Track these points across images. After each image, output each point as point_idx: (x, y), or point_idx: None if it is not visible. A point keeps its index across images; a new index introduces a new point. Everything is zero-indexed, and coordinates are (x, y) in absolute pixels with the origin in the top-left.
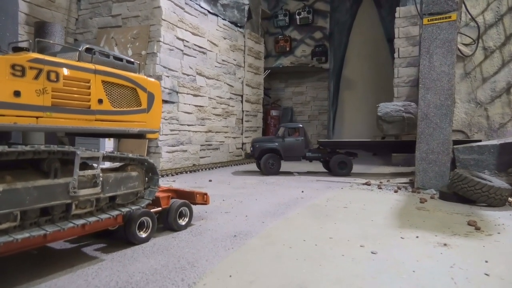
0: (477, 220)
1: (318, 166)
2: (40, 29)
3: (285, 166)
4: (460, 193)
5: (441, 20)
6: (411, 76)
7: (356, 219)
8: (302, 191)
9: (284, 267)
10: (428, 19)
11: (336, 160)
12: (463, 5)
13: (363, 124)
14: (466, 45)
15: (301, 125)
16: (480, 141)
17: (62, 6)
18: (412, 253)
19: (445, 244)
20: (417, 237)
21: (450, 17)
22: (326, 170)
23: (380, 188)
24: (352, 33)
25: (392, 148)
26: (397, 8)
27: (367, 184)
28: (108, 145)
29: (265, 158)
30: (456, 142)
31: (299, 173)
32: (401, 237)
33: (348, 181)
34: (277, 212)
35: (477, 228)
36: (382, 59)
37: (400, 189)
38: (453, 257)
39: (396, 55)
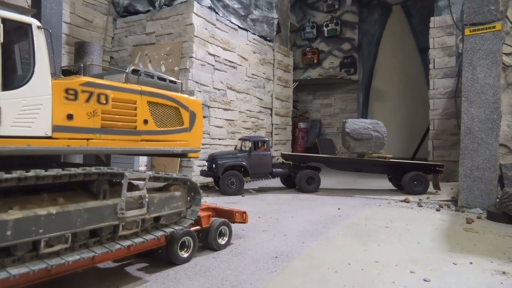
0: None
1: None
2: (80, 48)
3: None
4: (511, 213)
5: (485, 31)
6: (447, 88)
7: (400, 241)
8: (339, 208)
9: None
10: (470, 30)
11: (304, 175)
12: None
13: (394, 136)
14: (507, 54)
15: (267, 138)
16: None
17: (99, 26)
18: (469, 282)
19: (503, 273)
20: (470, 263)
21: (494, 27)
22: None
23: (421, 206)
24: (381, 44)
25: (358, 167)
26: (432, 18)
27: (406, 201)
28: (142, 159)
29: (227, 176)
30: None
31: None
32: (453, 263)
33: (385, 198)
34: (316, 231)
35: None
36: (414, 69)
37: (442, 207)
38: None
39: (431, 66)
